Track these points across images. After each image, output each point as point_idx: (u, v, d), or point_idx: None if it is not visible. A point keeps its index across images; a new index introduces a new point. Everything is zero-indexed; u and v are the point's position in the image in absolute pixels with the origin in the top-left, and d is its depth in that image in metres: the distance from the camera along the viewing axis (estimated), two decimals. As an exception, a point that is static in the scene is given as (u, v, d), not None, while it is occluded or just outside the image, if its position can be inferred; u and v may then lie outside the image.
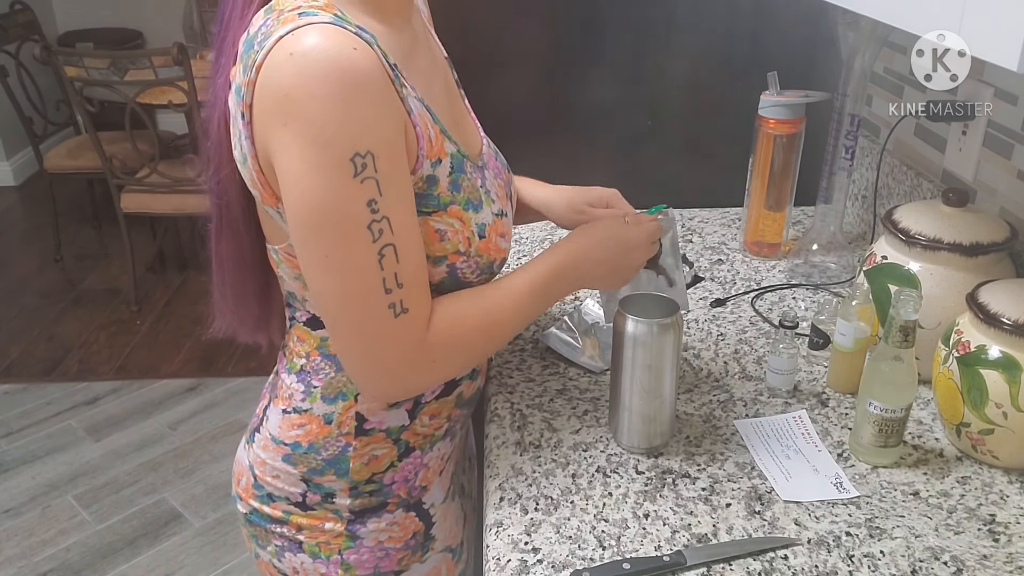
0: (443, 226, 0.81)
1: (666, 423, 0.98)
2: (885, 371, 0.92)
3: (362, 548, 0.94)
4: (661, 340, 0.92)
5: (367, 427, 0.91)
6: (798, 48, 1.51)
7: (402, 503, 0.96)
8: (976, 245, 1.01)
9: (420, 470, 0.96)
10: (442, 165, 0.81)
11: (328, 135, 0.70)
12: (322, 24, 0.71)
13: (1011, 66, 0.60)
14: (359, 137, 0.71)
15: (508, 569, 0.82)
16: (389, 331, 0.77)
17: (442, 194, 0.81)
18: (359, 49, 0.71)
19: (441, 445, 0.98)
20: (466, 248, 0.83)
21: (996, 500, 0.91)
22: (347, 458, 0.91)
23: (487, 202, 0.87)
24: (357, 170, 0.71)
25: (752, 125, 1.36)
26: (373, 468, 0.92)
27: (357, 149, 0.70)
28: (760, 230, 1.42)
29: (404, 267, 0.76)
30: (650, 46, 1.52)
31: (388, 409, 0.91)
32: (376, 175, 0.72)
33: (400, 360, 0.79)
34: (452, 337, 0.82)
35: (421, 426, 0.94)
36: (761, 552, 0.84)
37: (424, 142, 0.79)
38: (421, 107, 0.80)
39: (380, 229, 0.73)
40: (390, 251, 0.74)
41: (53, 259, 3.78)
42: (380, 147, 0.72)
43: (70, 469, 2.57)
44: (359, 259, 0.74)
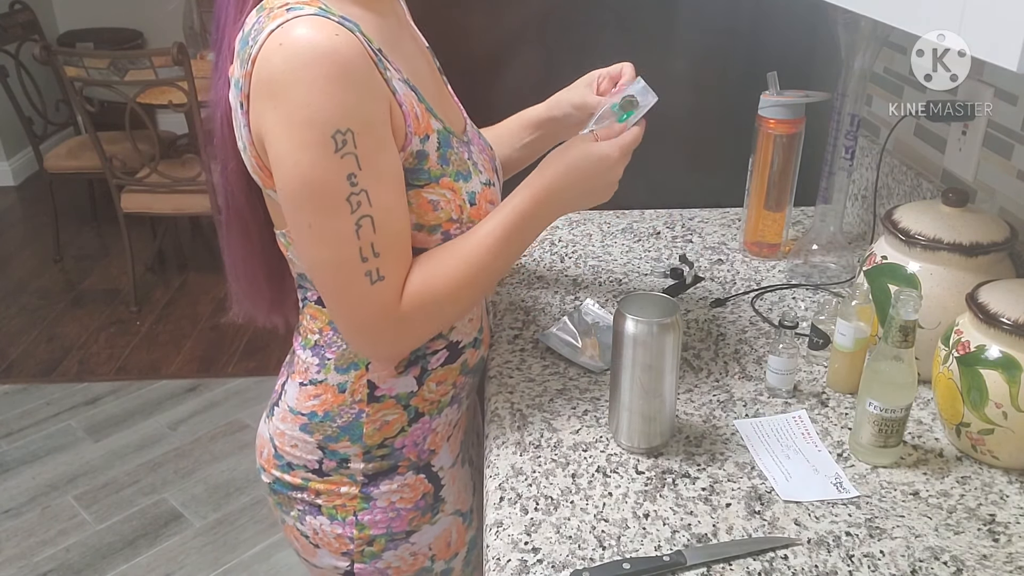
0: (435, 197, 0.88)
1: (666, 423, 0.98)
2: (885, 371, 0.92)
3: (375, 509, 1.00)
4: (661, 340, 0.92)
5: (378, 394, 0.97)
6: (798, 48, 1.51)
7: (412, 466, 1.01)
8: (976, 245, 1.01)
9: (429, 435, 1.01)
10: (430, 140, 0.88)
11: (311, 115, 0.76)
12: (307, 16, 0.78)
13: (1011, 66, 0.60)
14: (339, 116, 0.77)
15: (508, 569, 0.82)
16: (366, 296, 0.83)
17: (432, 167, 0.88)
18: (341, 36, 0.77)
19: (448, 411, 1.03)
20: (459, 215, 0.89)
21: (996, 500, 0.91)
22: (360, 424, 0.97)
23: (475, 172, 0.93)
24: (338, 146, 0.77)
25: (752, 125, 1.36)
26: (385, 433, 0.98)
27: (338, 127, 0.77)
28: (760, 230, 1.42)
29: (381, 237, 0.82)
30: (650, 46, 1.52)
31: (397, 376, 0.97)
32: (356, 151, 0.78)
33: (379, 323, 0.85)
34: (425, 297, 0.86)
35: (429, 392, 0.99)
36: (761, 552, 0.84)
37: (411, 120, 0.85)
38: (407, 88, 0.86)
39: (358, 201, 0.80)
40: (367, 222, 0.81)
41: (53, 259, 3.78)
42: (360, 125, 0.78)
43: (70, 469, 2.57)
44: (338, 229, 0.80)
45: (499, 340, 1.21)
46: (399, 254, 0.85)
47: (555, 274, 1.39)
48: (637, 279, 1.37)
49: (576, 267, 1.41)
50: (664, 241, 1.51)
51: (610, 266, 1.42)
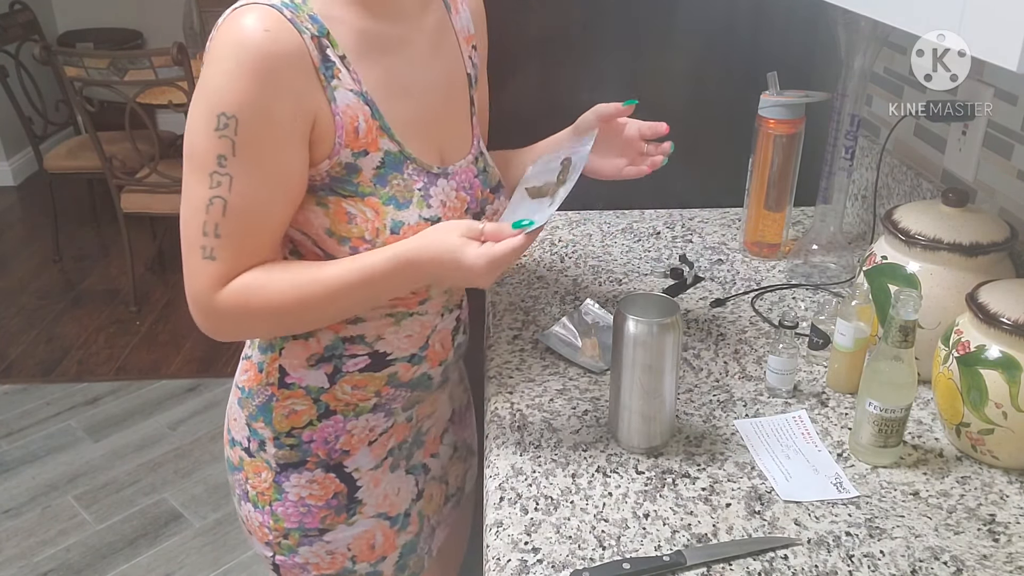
0: (354, 210, 0.88)
1: (666, 423, 0.98)
2: (885, 371, 0.92)
3: (287, 501, 1.01)
4: (661, 340, 0.92)
5: (288, 380, 0.98)
6: (798, 48, 1.51)
7: (321, 463, 1.01)
8: (976, 245, 1.01)
9: (342, 435, 1.00)
10: (368, 158, 0.88)
11: (209, 91, 0.82)
12: (259, 5, 0.81)
13: (1011, 66, 0.60)
14: (230, 101, 0.80)
15: (508, 569, 0.82)
16: (196, 268, 0.86)
17: (362, 183, 0.88)
18: (270, 32, 0.80)
19: (370, 417, 1.01)
20: (372, 237, 0.88)
21: (996, 500, 0.91)
22: (271, 407, 0.99)
23: (420, 205, 0.91)
24: (218, 126, 0.81)
25: (752, 125, 1.36)
26: (292, 422, 0.99)
27: (224, 110, 0.80)
28: (760, 230, 1.42)
29: (228, 223, 0.84)
30: (650, 46, 1.52)
31: (308, 368, 0.97)
32: (235, 137, 0.81)
33: (196, 298, 0.88)
34: (238, 305, 0.87)
35: (342, 393, 0.99)
36: (761, 552, 0.84)
37: (342, 132, 0.86)
38: (358, 101, 0.87)
39: (219, 182, 0.82)
40: (219, 203, 0.83)
41: (52, 259, 3.78)
42: (250, 117, 0.81)
43: (70, 469, 2.57)
44: (196, 196, 0.84)
45: (499, 340, 1.21)
46: (240, 247, 0.86)
47: (555, 274, 1.39)
48: (637, 279, 1.37)
49: (576, 267, 1.41)
50: (664, 241, 1.51)
51: (610, 266, 1.42)
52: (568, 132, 1.10)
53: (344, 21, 0.86)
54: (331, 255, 0.90)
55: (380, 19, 0.89)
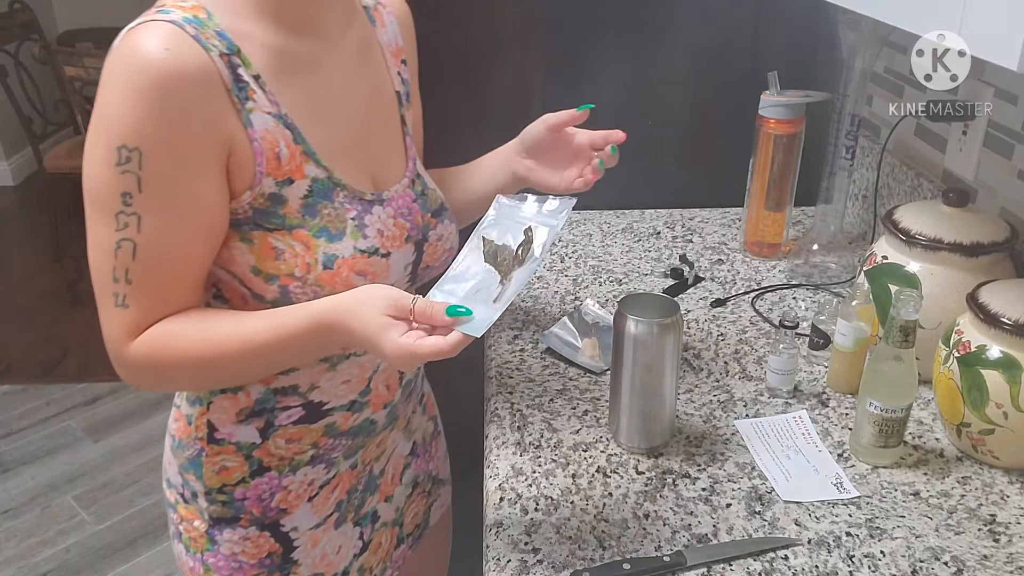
0: (282, 245, 0.80)
1: (666, 423, 0.98)
2: (885, 371, 0.92)
3: (219, 554, 0.95)
4: (661, 340, 0.92)
5: (217, 436, 0.91)
6: (798, 48, 1.51)
7: (255, 521, 0.94)
8: (976, 245, 1.01)
9: (277, 492, 0.93)
10: (294, 186, 0.80)
11: (109, 121, 0.73)
12: (160, 22, 0.74)
13: (1011, 66, 0.60)
14: (130, 132, 0.72)
15: (508, 569, 0.82)
16: (108, 316, 0.79)
17: (289, 214, 0.80)
18: (171, 51, 0.72)
19: (308, 471, 0.94)
20: (302, 274, 0.80)
21: (996, 500, 0.91)
22: (201, 462, 0.92)
23: (353, 235, 0.83)
24: (120, 160, 0.73)
25: (752, 125, 1.36)
26: (224, 479, 0.92)
27: (125, 142, 0.72)
28: (760, 230, 1.42)
29: (139, 268, 0.76)
30: (650, 46, 1.52)
31: (238, 423, 0.90)
32: (139, 172, 0.73)
33: (110, 346, 0.80)
34: (150, 357, 0.79)
35: (276, 448, 0.91)
36: (761, 552, 0.84)
37: (263, 159, 0.78)
38: (277, 124, 0.78)
39: (126, 223, 0.75)
40: (128, 246, 0.75)
41: (52, 259, 3.78)
42: (153, 148, 0.73)
43: (70, 469, 2.57)
44: (101, 239, 0.77)
45: (499, 340, 1.21)
46: (154, 293, 0.78)
47: (555, 274, 1.39)
48: (637, 279, 1.37)
49: (576, 267, 1.41)
50: (664, 241, 1.51)
51: (610, 266, 1.41)
52: (514, 144, 1.04)
53: (255, 38, 0.78)
54: (259, 294, 0.82)
55: (296, 36, 0.81)
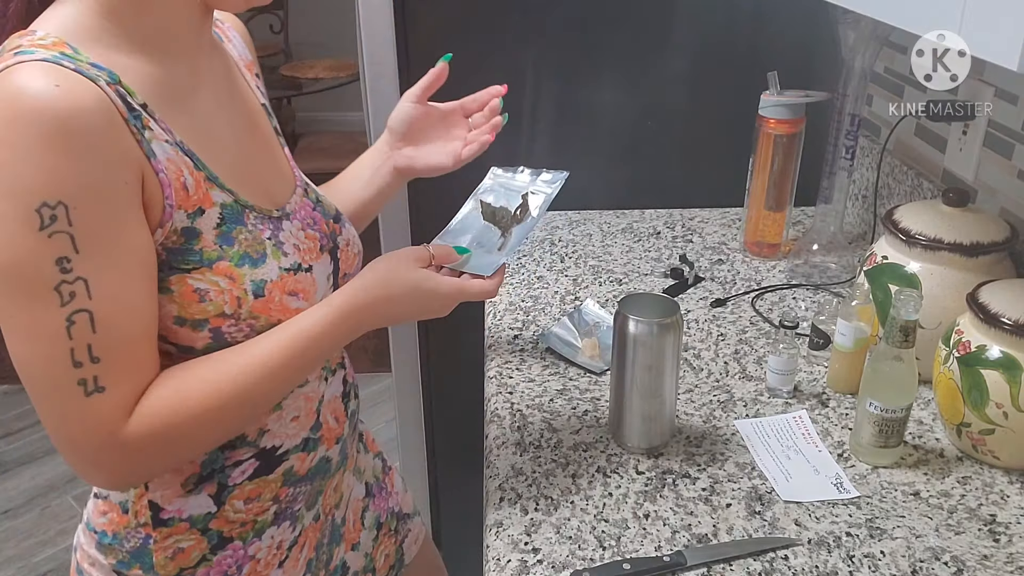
0: (204, 285, 0.72)
1: (666, 423, 0.98)
2: (885, 371, 0.92)
3: None
4: (661, 340, 0.92)
5: (164, 516, 0.80)
6: (798, 48, 1.51)
7: None
8: (976, 245, 1.01)
9: (244, 563, 0.84)
10: (205, 216, 0.72)
11: (9, 183, 0.62)
12: (34, 62, 0.63)
13: (1011, 66, 0.60)
14: (48, 186, 0.62)
15: (508, 569, 0.82)
16: (78, 411, 0.66)
17: (206, 248, 0.72)
18: (63, 87, 0.62)
19: (273, 531, 0.85)
20: (234, 310, 0.73)
21: (997, 500, 0.91)
22: (150, 552, 0.81)
23: (275, 256, 0.77)
24: (44, 223, 0.62)
25: (752, 125, 1.36)
26: (180, 563, 0.81)
27: (45, 199, 0.62)
28: (760, 230, 1.42)
29: (103, 339, 0.66)
30: (650, 46, 1.52)
31: (186, 495, 0.79)
32: (71, 229, 0.63)
33: (96, 448, 0.68)
34: (161, 428, 0.69)
35: (235, 512, 0.82)
36: (761, 552, 0.84)
37: (173, 191, 0.70)
38: (176, 152, 0.71)
39: (72, 292, 0.64)
40: (83, 318, 0.64)
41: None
42: (79, 198, 0.63)
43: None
44: (44, 324, 0.64)
45: (499, 340, 1.21)
46: (129, 361, 0.68)
47: (555, 274, 1.39)
48: (637, 279, 1.37)
49: (576, 267, 1.41)
50: (664, 241, 1.51)
51: (610, 266, 1.41)
52: (384, 138, 1.02)
53: (129, 68, 0.70)
54: (187, 346, 0.74)
55: (168, 64, 0.74)
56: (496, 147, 1.10)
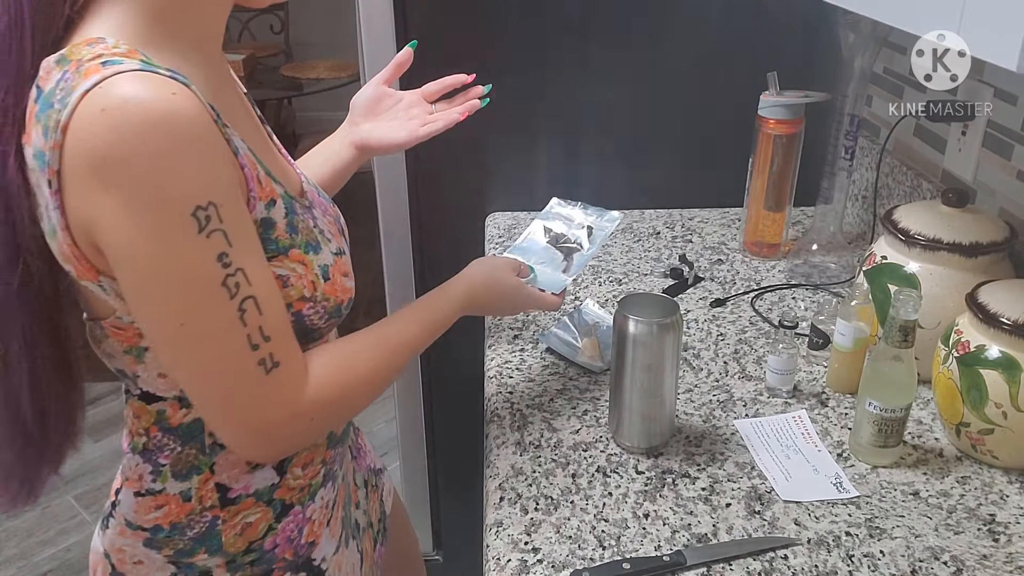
0: (284, 271, 0.76)
1: (666, 423, 0.98)
2: (885, 371, 0.92)
3: None
4: (661, 340, 0.92)
5: (232, 496, 0.83)
6: (798, 48, 1.51)
7: (289, 566, 0.88)
8: (976, 245, 1.01)
9: (304, 526, 0.88)
10: (276, 207, 0.76)
11: (163, 194, 0.63)
12: (132, 72, 0.63)
13: (1011, 66, 0.60)
14: (197, 189, 0.64)
15: (508, 569, 0.82)
16: (263, 391, 0.71)
17: (280, 237, 0.76)
18: (178, 94, 0.64)
19: (323, 492, 0.90)
20: (311, 293, 0.77)
21: (996, 500, 0.91)
22: (217, 533, 0.83)
23: (324, 242, 0.82)
24: (201, 225, 0.65)
25: (752, 125, 1.36)
26: (249, 537, 0.85)
27: (198, 202, 0.64)
28: (760, 230, 1.42)
29: (268, 318, 0.70)
30: (650, 46, 1.52)
31: (252, 471, 0.83)
32: (223, 226, 0.66)
33: (280, 420, 0.73)
34: (335, 389, 0.76)
35: (294, 480, 0.87)
36: (761, 552, 0.84)
37: (253, 183, 0.73)
38: (244, 147, 0.74)
39: (236, 283, 0.67)
40: (251, 304, 0.69)
41: (53, 259, 3.78)
42: (221, 195, 0.66)
43: (70, 469, 2.56)
44: (219, 321, 0.68)
45: (499, 340, 1.22)
46: (288, 335, 0.73)
47: (555, 274, 1.39)
48: (637, 279, 1.38)
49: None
50: (664, 241, 1.51)
51: (610, 266, 1.42)
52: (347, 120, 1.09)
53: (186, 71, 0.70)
54: None
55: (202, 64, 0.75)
56: (497, 145, 1.10)
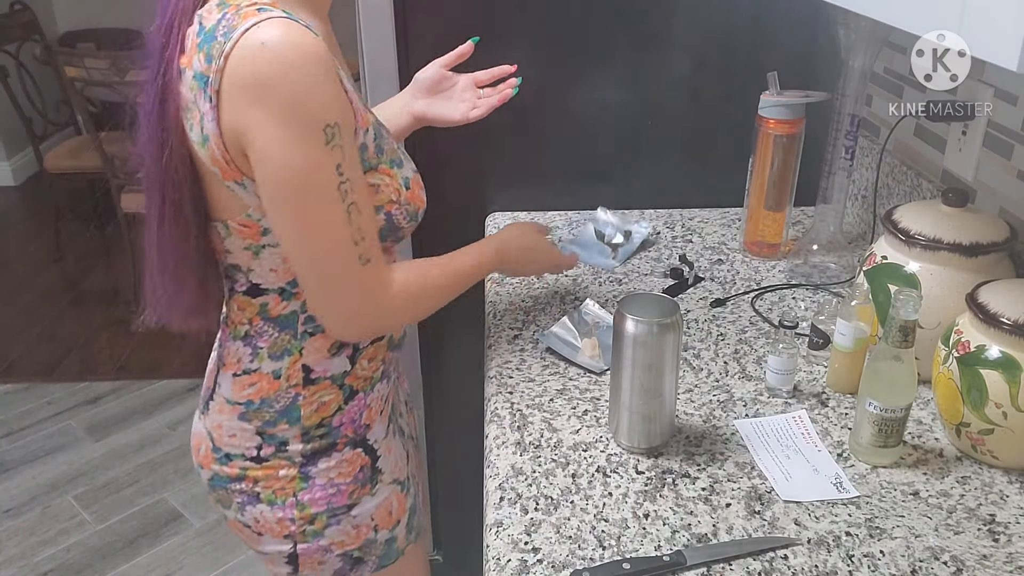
0: (376, 181, 0.94)
1: (666, 423, 0.98)
2: (885, 371, 0.92)
3: (315, 487, 1.03)
4: (661, 340, 0.92)
5: (313, 376, 1.01)
6: (798, 48, 1.51)
7: (350, 442, 1.05)
8: (976, 245, 1.01)
9: (364, 410, 1.06)
10: (369, 133, 0.94)
11: (305, 111, 0.82)
12: (281, 19, 0.82)
13: (1011, 66, 0.60)
14: (327, 110, 0.83)
15: (508, 569, 0.82)
16: (359, 279, 0.90)
17: (371, 157, 0.94)
18: (319, 37, 0.84)
19: (380, 386, 1.08)
20: (397, 197, 0.96)
21: (996, 500, 0.91)
22: (298, 407, 1.01)
23: (406, 160, 1.00)
24: (328, 139, 0.83)
25: (752, 125, 1.36)
26: (322, 413, 1.02)
27: (327, 120, 0.83)
28: (760, 230, 1.42)
29: (364, 222, 0.89)
30: (650, 46, 1.52)
31: (331, 357, 1.01)
32: (341, 142, 0.85)
33: (369, 305, 0.93)
34: (417, 288, 0.97)
35: (361, 370, 1.04)
36: (761, 552, 0.84)
37: (358, 114, 0.91)
38: (350, 86, 0.92)
39: (346, 189, 0.86)
40: (355, 208, 0.87)
41: (53, 259, 3.78)
42: (342, 118, 0.85)
43: (70, 469, 2.57)
44: (333, 217, 0.86)
45: (499, 340, 1.22)
46: (376, 239, 0.92)
47: (555, 274, 1.39)
48: (637, 279, 1.38)
49: (576, 267, 1.41)
50: (664, 241, 1.51)
51: (610, 266, 1.41)
52: (408, 90, 1.24)
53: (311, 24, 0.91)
54: None
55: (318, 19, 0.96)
56: (498, 145, 1.10)
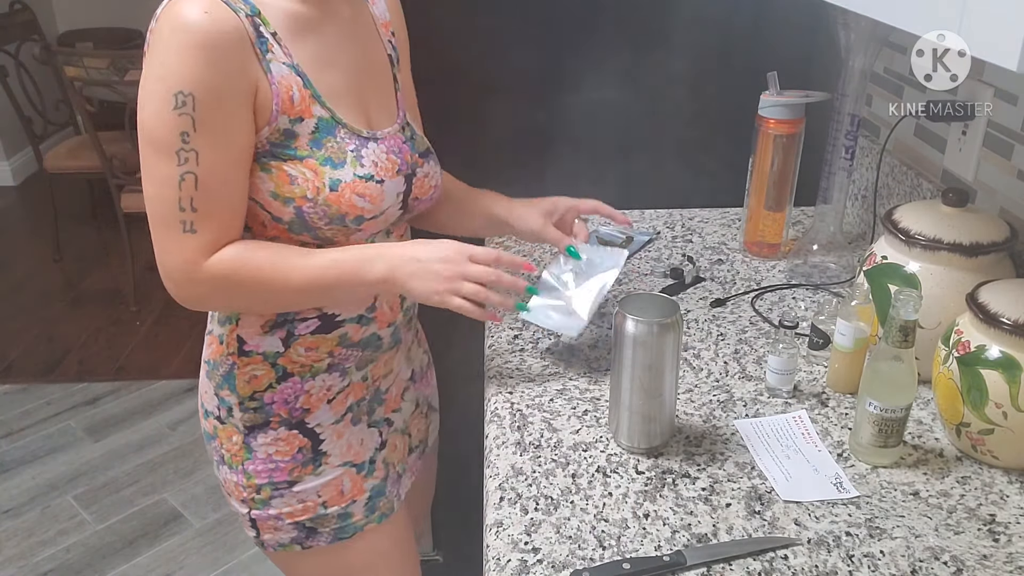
0: (295, 172, 0.95)
1: (666, 423, 0.98)
2: (885, 371, 0.92)
3: (256, 459, 1.09)
4: (661, 340, 0.92)
5: (246, 348, 1.05)
6: (798, 48, 1.51)
7: (284, 422, 1.08)
8: (976, 245, 1.01)
9: (300, 395, 1.08)
10: (303, 124, 0.96)
11: (162, 73, 0.88)
12: None
13: (1011, 66, 0.60)
14: (184, 80, 0.87)
15: (508, 569, 0.82)
16: (175, 241, 0.93)
17: (300, 147, 0.96)
18: (211, 14, 0.88)
19: (326, 377, 1.08)
20: (313, 195, 0.96)
21: (996, 500, 0.91)
22: (234, 375, 1.07)
23: (353, 164, 0.99)
24: (176, 104, 0.88)
25: (752, 125, 1.36)
26: (254, 387, 1.06)
27: (181, 88, 0.87)
28: (760, 230, 1.42)
29: (202, 196, 0.91)
30: (650, 46, 1.52)
31: (263, 335, 1.05)
32: (193, 113, 0.88)
33: (177, 269, 0.94)
34: (225, 273, 0.94)
35: (297, 355, 1.06)
36: (761, 552, 0.84)
37: (281, 100, 0.94)
38: (291, 73, 0.95)
39: (186, 158, 0.90)
40: (190, 178, 0.90)
41: (53, 259, 3.78)
42: (203, 93, 0.88)
43: (70, 469, 2.57)
44: (164, 174, 0.91)
45: (499, 340, 1.22)
46: (217, 219, 0.93)
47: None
48: (637, 279, 1.38)
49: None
50: (664, 241, 1.51)
51: (610, 266, 1.41)
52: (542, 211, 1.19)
53: (272, 5, 0.95)
54: (277, 217, 0.97)
55: (304, 3, 0.97)
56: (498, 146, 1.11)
